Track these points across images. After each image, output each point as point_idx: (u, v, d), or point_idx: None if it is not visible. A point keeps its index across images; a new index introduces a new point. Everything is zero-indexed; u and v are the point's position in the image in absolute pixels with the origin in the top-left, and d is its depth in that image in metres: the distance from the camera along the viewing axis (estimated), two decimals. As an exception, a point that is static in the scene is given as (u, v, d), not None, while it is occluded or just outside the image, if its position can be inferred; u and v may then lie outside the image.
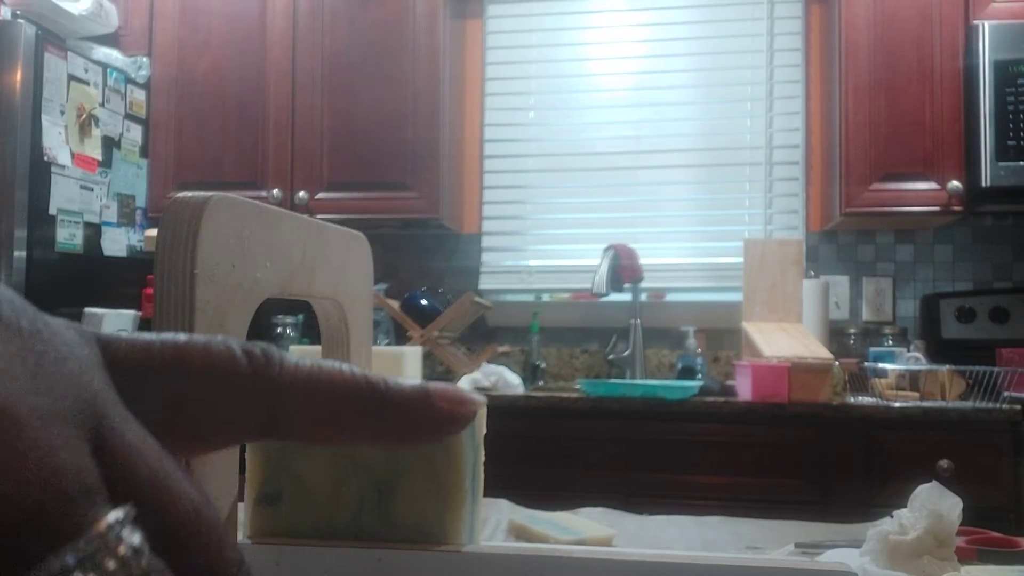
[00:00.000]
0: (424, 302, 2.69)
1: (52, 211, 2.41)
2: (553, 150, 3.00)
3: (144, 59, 2.83)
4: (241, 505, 0.51)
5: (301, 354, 0.41)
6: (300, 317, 2.84)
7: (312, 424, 0.30)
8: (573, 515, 0.74)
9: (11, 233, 2.29)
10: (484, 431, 0.51)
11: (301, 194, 2.72)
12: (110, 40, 2.80)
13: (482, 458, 0.51)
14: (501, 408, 2.19)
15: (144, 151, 2.84)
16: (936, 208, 2.48)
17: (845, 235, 2.84)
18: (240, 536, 0.47)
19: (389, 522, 0.49)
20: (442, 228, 2.90)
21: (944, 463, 2.10)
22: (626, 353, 2.72)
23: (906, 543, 0.55)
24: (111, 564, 0.20)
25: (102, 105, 2.64)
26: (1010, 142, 2.36)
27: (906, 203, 2.50)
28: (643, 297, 2.79)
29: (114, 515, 0.20)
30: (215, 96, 2.80)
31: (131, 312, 2.71)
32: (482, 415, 0.50)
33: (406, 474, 0.49)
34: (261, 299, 0.44)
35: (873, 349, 2.57)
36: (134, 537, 0.20)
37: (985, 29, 2.39)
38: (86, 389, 0.22)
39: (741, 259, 2.60)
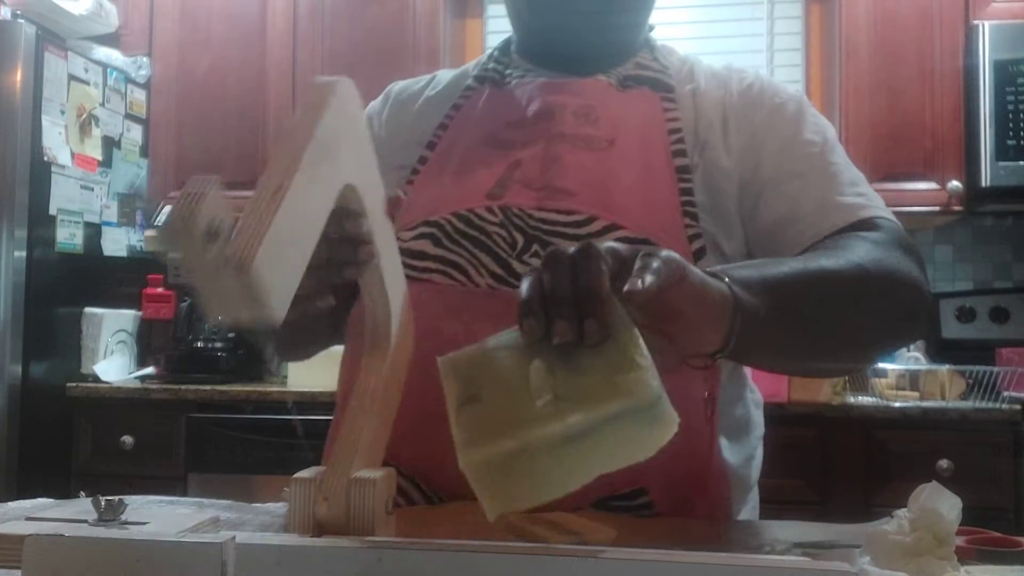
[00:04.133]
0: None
1: (52, 211, 2.41)
2: (553, 150, 2.99)
3: (144, 59, 2.83)
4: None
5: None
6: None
7: None
8: (573, 515, 0.74)
9: (11, 233, 2.29)
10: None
11: (301, 194, 2.72)
12: (110, 40, 2.80)
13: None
14: (501, 408, 2.19)
15: (144, 151, 2.84)
16: (936, 208, 2.48)
17: (845, 235, 2.84)
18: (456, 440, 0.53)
19: (577, 381, 0.53)
20: (442, 228, 2.90)
21: (944, 463, 2.10)
22: (626, 353, 2.71)
23: (906, 543, 0.55)
24: None
25: (102, 105, 2.64)
26: (1010, 142, 2.36)
27: (906, 203, 2.49)
28: (643, 297, 2.78)
29: None
30: (215, 96, 2.80)
31: (131, 312, 2.71)
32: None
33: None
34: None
35: (873, 349, 2.57)
36: None
37: (985, 29, 2.39)
38: None
39: (741, 259, 2.60)
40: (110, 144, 2.68)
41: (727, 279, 0.64)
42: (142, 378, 2.61)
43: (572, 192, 0.89)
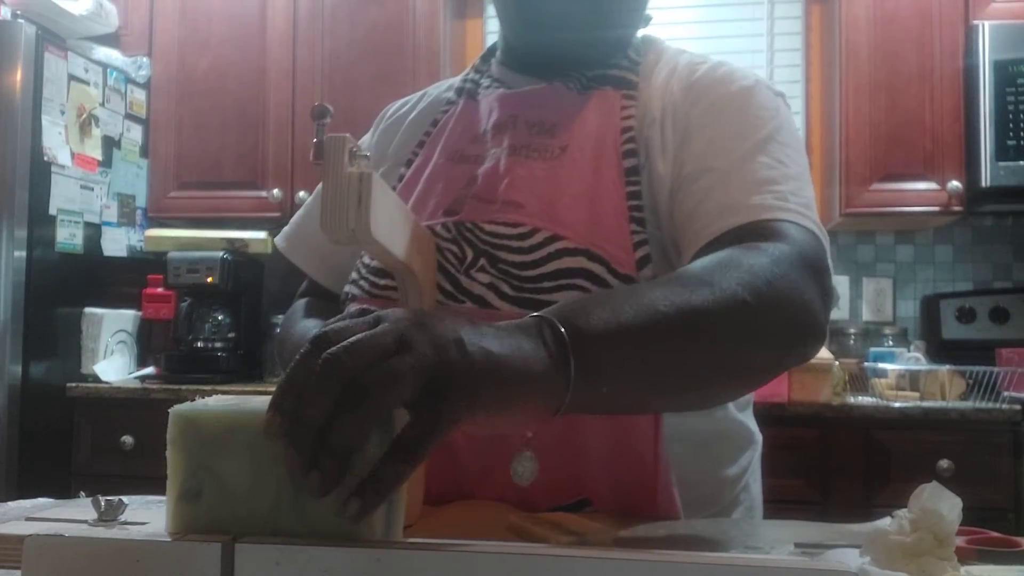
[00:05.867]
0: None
1: (52, 211, 2.41)
2: (553, 150, 2.99)
3: (144, 59, 2.83)
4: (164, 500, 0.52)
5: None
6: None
7: None
8: (573, 515, 0.74)
9: (11, 233, 2.29)
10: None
11: (302, 194, 2.72)
12: (110, 40, 2.80)
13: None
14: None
15: (144, 151, 2.84)
16: (936, 208, 2.47)
17: (845, 235, 2.84)
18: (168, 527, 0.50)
19: (305, 514, 0.50)
20: (442, 228, 2.90)
21: (944, 463, 2.10)
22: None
23: (906, 543, 0.55)
24: None
25: (102, 105, 2.64)
26: (1010, 142, 2.36)
27: (906, 203, 2.49)
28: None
29: None
30: (215, 96, 2.80)
31: (131, 312, 2.71)
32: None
33: None
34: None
35: (873, 349, 2.57)
36: None
37: (985, 29, 2.39)
38: None
39: (741, 259, 2.59)
40: (110, 144, 2.68)
41: (564, 330, 0.57)
42: (142, 378, 2.61)
43: (521, 204, 0.87)
